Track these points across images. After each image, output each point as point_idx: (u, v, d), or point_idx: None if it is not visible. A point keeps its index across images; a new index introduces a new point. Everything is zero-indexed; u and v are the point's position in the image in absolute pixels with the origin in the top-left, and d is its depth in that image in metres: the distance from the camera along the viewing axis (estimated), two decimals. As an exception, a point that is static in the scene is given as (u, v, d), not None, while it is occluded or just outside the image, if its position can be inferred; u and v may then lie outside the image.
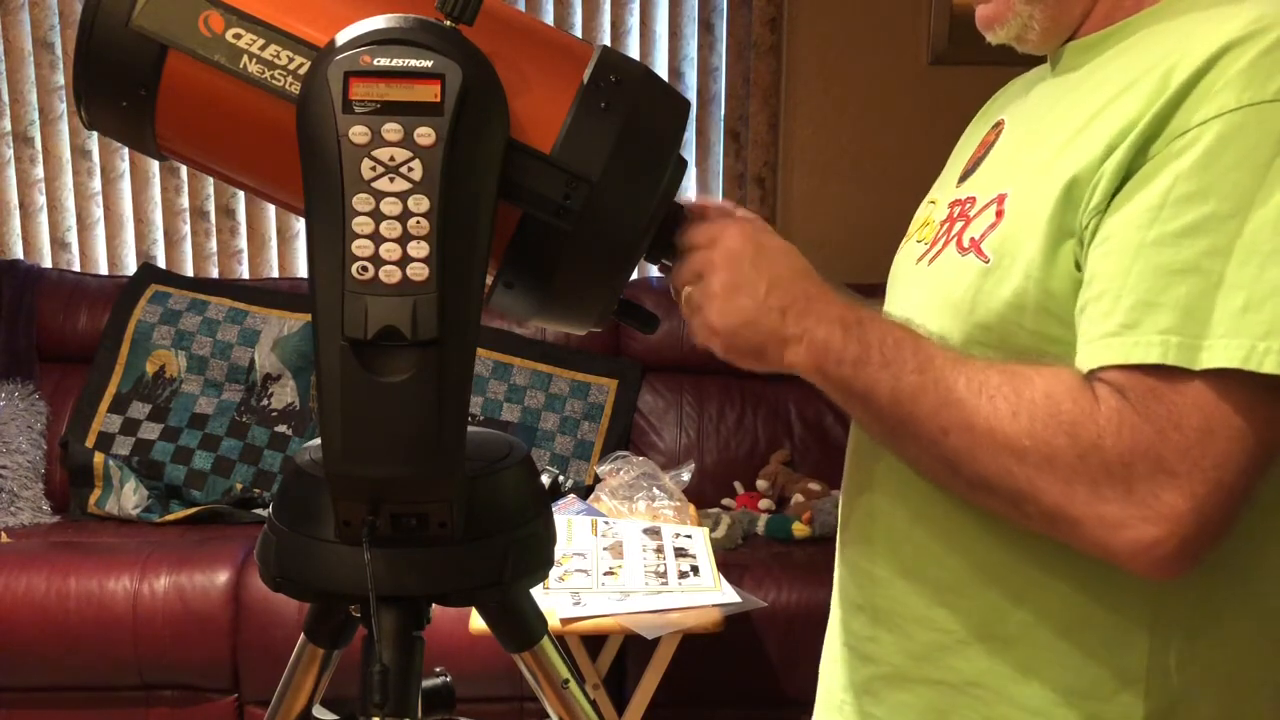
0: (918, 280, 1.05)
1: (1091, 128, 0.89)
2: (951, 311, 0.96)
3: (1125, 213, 0.84)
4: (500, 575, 0.96)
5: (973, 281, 0.94)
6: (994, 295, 0.92)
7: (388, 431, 0.87)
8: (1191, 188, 0.82)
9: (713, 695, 2.71)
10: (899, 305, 1.07)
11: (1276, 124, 0.81)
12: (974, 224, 0.97)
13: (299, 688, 1.07)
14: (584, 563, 2.28)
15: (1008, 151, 1.02)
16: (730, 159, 3.51)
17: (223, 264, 3.56)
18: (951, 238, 1.00)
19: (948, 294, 0.97)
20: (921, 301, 1.01)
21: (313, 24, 0.88)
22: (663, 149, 0.94)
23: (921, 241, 1.08)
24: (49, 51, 3.42)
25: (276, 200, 1.01)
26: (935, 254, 1.02)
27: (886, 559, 1.08)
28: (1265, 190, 0.80)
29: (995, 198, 0.96)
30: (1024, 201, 0.92)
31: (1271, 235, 0.80)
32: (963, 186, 1.05)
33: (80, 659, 2.64)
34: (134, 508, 3.09)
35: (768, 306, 0.93)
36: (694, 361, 3.36)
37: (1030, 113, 1.03)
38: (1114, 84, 0.91)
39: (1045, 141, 0.94)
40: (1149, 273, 0.82)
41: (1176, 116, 0.84)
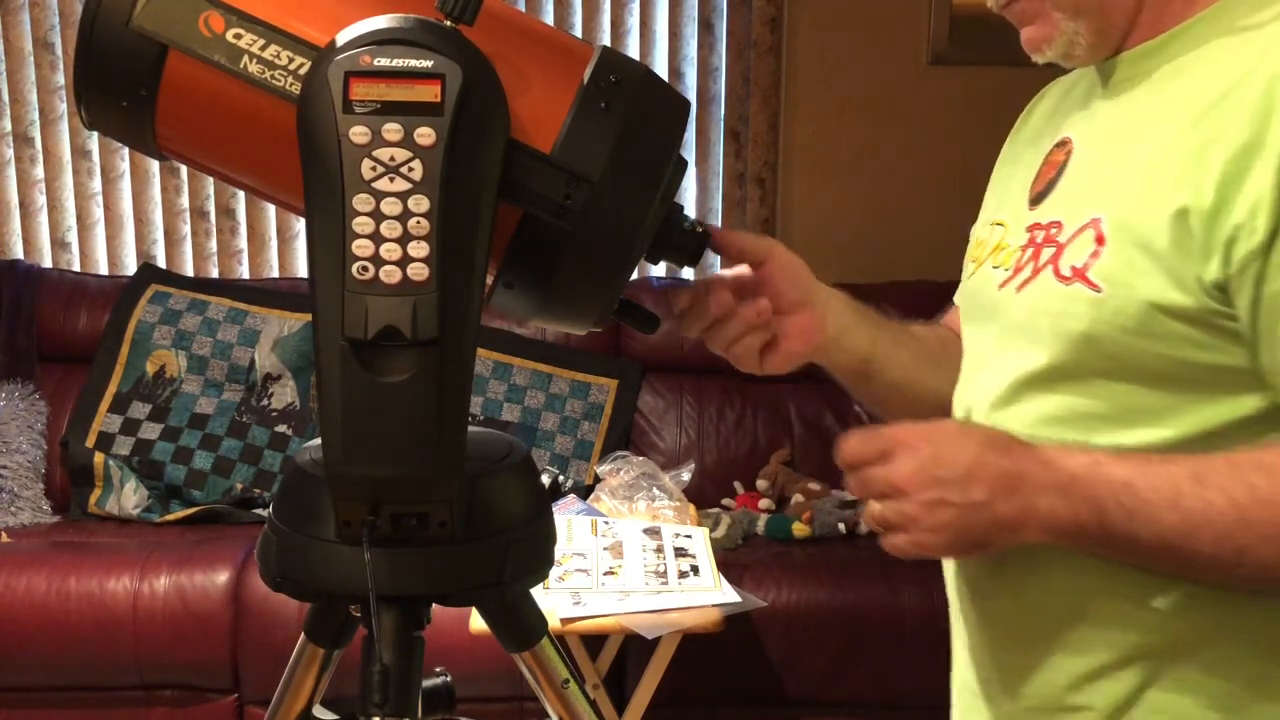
0: (1007, 308, 1.02)
1: (1189, 146, 0.87)
2: (1063, 342, 0.94)
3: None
4: (500, 575, 0.96)
5: (1086, 312, 0.92)
6: (1116, 325, 0.90)
7: (388, 431, 0.87)
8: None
9: (713, 695, 2.71)
10: (986, 333, 1.05)
11: None
12: (1070, 251, 0.95)
13: (299, 688, 1.07)
14: (584, 563, 2.28)
15: (1088, 173, 0.99)
16: (730, 159, 3.51)
17: (223, 264, 3.56)
18: (1044, 265, 0.97)
19: (1056, 325, 0.94)
20: (1016, 330, 0.99)
21: (313, 24, 0.88)
22: (663, 149, 0.94)
23: (1000, 267, 1.05)
24: (49, 51, 3.42)
25: (277, 200, 1.01)
26: (1025, 281, 1.00)
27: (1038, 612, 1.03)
28: None
29: (1088, 222, 0.94)
30: (1128, 228, 0.90)
31: None
32: (1039, 209, 1.02)
33: (80, 659, 2.64)
34: (134, 508, 3.09)
35: (972, 505, 0.89)
36: (694, 361, 3.36)
37: (1102, 131, 1.00)
38: (1198, 98, 0.89)
39: (1132, 161, 0.92)
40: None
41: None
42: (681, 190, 0.99)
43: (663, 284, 3.45)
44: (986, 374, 1.03)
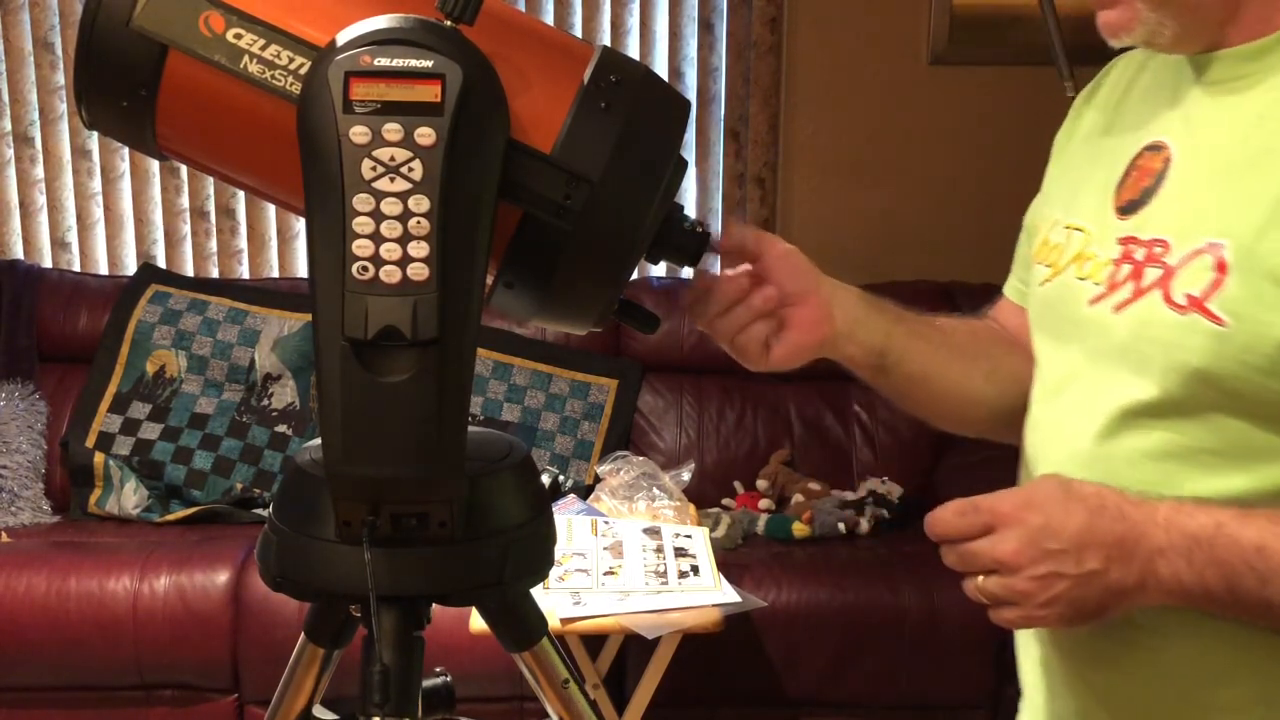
0: (1102, 328, 0.96)
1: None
2: (1178, 375, 0.88)
3: None
4: (500, 575, 0.96)
5: (1206, 346, 0.86)
6: (1242, 362, 0.85)
7: (388, 431, 0.87)
8: None
9: (713, 695, 2.71)
10: (1072, 351, 0.99)
11: None
12: (1183, 276, 0.88)
13: (299, 688, 1.07)
14: (584, 563, 2.28)
15: (1195, 188, 0.92)
16: (730, 159, 3.51)
17: (223, 264, 3.56)
18: (1149, 287, 0.91)
19: (1169, 356, 0.89)
20: (1115, 354, 0.94)
21: (313, 24, 0.88)
22: (663, 149, 0.94)
23: (1088, 280, 0.98)
24: (49, 51, 3.42)
25: (277, 200, 1.01)
26: (1124, 301, 0.93)
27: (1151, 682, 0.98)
28: None
29: (1204, 247, 0.87)
30: (1256, 259, 0.84)
31: None
32: (1134, 221, 0.95)
33: (80, 659, 2.64)
34: (134, 508, 3.08)
35: (1087, 575, 0.85)
36: (694, 361, 3.36)
37: (1207, 141, 0.93)
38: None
39: (1253, 183, 0.87)
40: None
41: None
42: (681, 190, 0.99)
43: (663, 284, 3.45)
44: (1081, 399, 0.97)
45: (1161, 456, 0.91)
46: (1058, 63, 2.95)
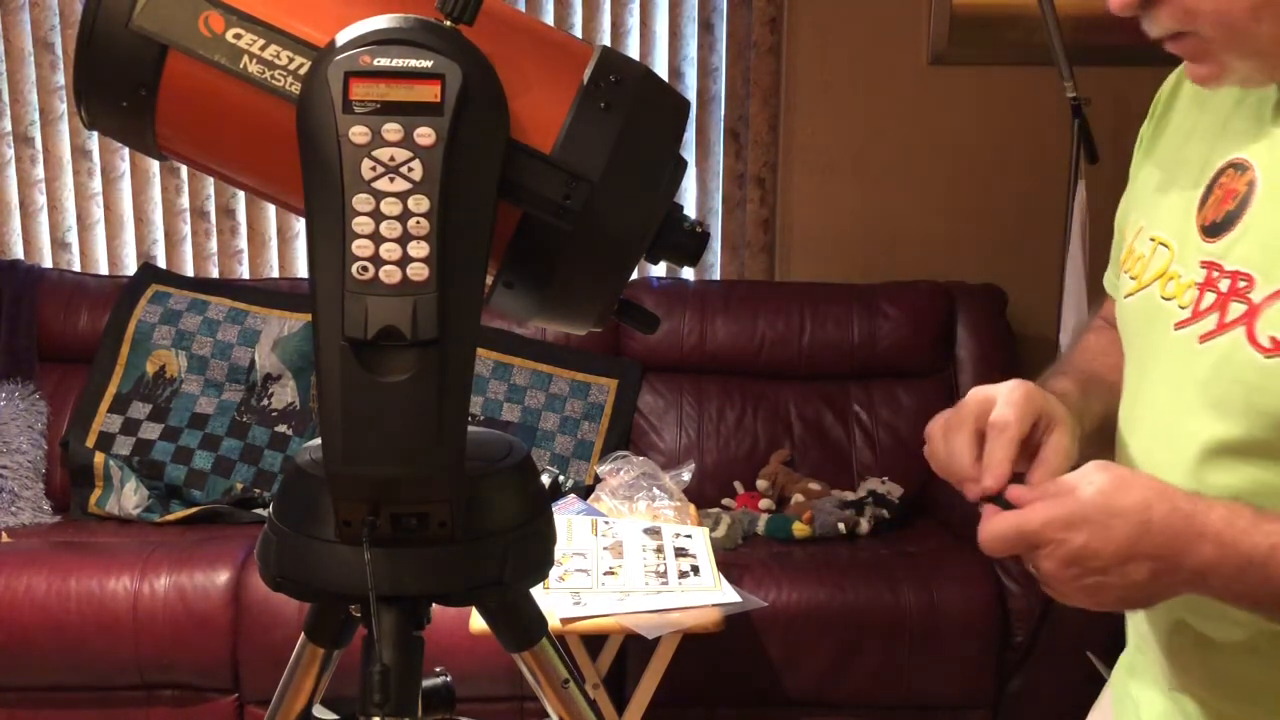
0: (1187, 358, 0.94)
1: None
2: (1264, 419, 0.87)
3: None
4: (500, 575, 0.96)
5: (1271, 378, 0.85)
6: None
7: (388, 431, 0.87)
8: None
9: (713, 695, 2.71)
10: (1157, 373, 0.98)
11: None
12: (1268, 316, 0.87)
13: (299, 688, 1.07)
14: (584, 563, 2.28)
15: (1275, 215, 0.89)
16: (730, 159, 3.51)
17: (223, 264, 3.56)
18: (1233, 322, 0.89)
19: (1254, 400, 0.87)
20: (1200, 388, 0.92)
21: (313, 24, 0.88)
22: (663, 149, 0.94)
23: (1172, 300, 0.96)
24: (49, 51, 3.42)
25: (277, 200, 1.01)
26: (1209, 333, 0.91)
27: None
28: None
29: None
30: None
31: None
32: (1219, 246, 0.93)
33: (80, 659, 2.64)
34: (134, 508, 3.08)
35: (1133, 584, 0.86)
36: (694, 361, 3.36)
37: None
38: None
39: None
40: None
41: None
42: (681, 190, 0.99)
43: (663, 284, 3.45)
44: (1168, 429, 0.96)
45: (1253, 495, 0.88)
46: (1058, 63, 2.95)
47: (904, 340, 3.32)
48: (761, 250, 3.54)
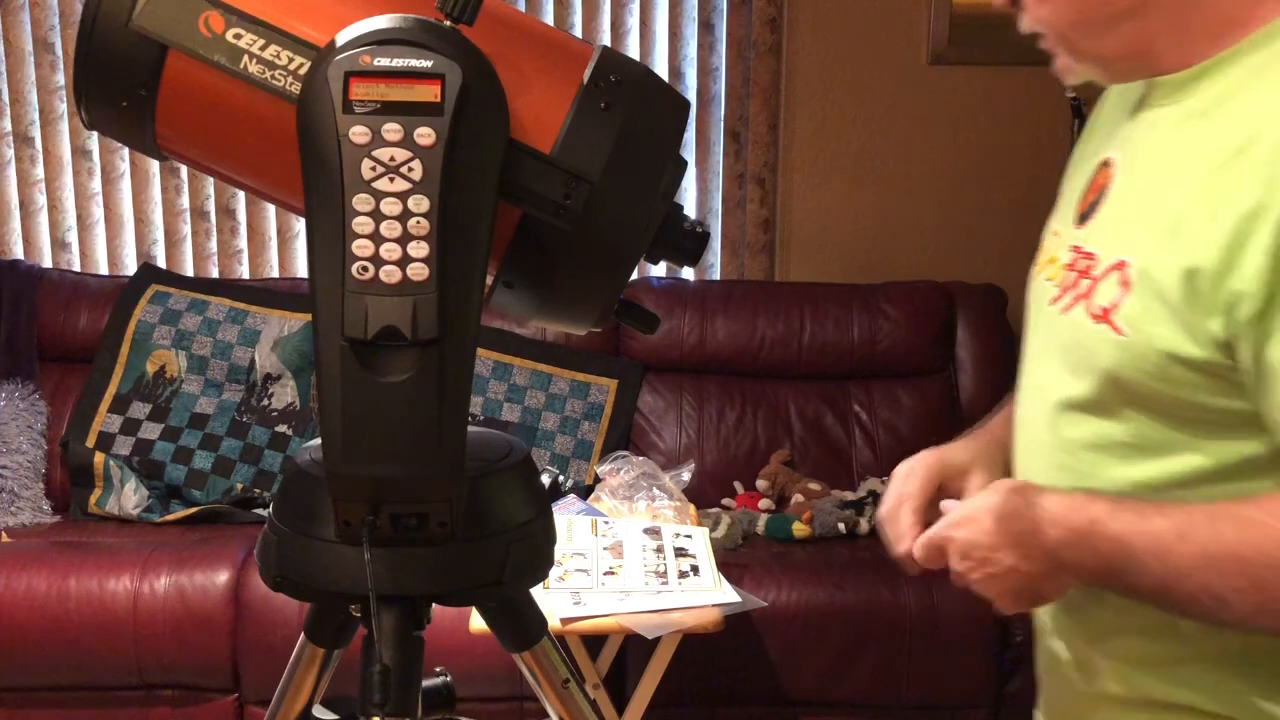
0: (1054, 327, 1.07)
1: (1205, 201, 0.91)
2: (1096, 377, 1.00)
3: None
4: (500, 575, 0.96)
5: (1112, 354, 0.98)
6: (1137, 368, 0.96)
7: (388, 431, 0.87)
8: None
9: (713, 695, 2.71)
10: (1040, 339, 1.12)
11: None
12: (1101, 289, 1.00)
13: (299, 687, 1.07)
14: (584, 563, 2.28)
15: (1123, 203, 1.02)
16: (730, 159, 3.51)
17: (223, 264, 3.56)
18: (1080, 296, 1.03)
19: (1089, 360, 1.00)
20: (1058, 353, 1.06)
21: (313, 24, 0.88)
22: (663, 149, 0.94)
23: (1051, 281, 1.09)
24: (49, 51, 3.42)
25: (277, 200, 1.01)
26: (1067, 306, 1.05)
27: None
28: None
29: (1116, 264, 0.98)
30: (1149, 278, 0.95)
31: None
32: (1083, 232, 1.06)
33: (80, 659, 2.64)
34: (134, 508, 3.08)
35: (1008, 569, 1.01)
36: (694, 361, 3.36)
37: (1138, 160, 1.02)
38: (1220, 147, 0.92)
39: (1157, 206, 0.96)
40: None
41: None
42: (681, 190, 0.99)
43: (663, 284, 3.45)
44: (1038, 388, 1.10)
45: (1091, 448, 1.03)
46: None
47: (904, 340, 3.32)
48: (761, 250, 3.54)
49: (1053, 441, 1.07)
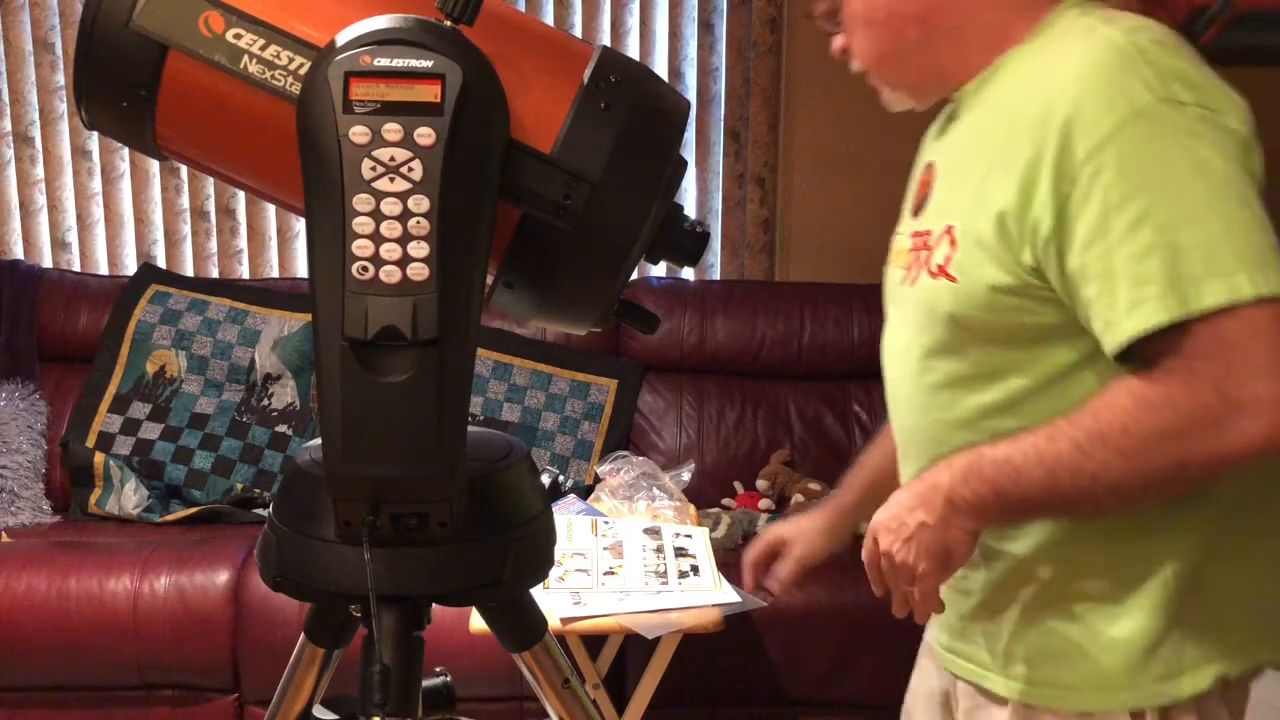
0: (904, 299, 1.28)
1: (1002, 167, 1.12)
2: (940, 322, 1.20)
3: (1083, 232, 1.06)
4: (500, 575, 0.96)
5: (950, 298, 1.18)
6: (969, 305, 1.16)
7: (388, 431, 0.87)
8: (1118, 194, 1.04)
9: (713, 695, 2.71)
10: (896, 315, 1.32)
11: (1152, 126, 1.04)
12: (936, 252, 1.20)
13: (299, 687, 1.07)
14: (584, 563, 2.28)
15: (943, 189, 1.24)
16: (730, 159, 3.51)
17: (223, 264, 3.56)
18: (922, 264, 1.23)
19: (932, 309, 1.20)
20: (912, 316, 1.25)
21: (313, 24, 0.88)
22: (663, 149, 0.94)
23: (899, 267, 1.31)
24: (49, 51, 3.42)
25: (277, 200, 1.01)
26: (913, 278, 1.25)
27: None
28: (1173, 173, 1.04)
29: (945, 229, 1.19)
30: (969, 233, 1.16)
31: (1193, 204, 1.03)
32: (919, 220, 1.27)
33: (80, 659, 2.64)
34: (134, 508, 3.08)
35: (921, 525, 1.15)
36: (694, 361, 3.36)
37: (949, 156, 1.26)
38: (999, 123, 1.15)
39: (967, 179, 1.18)
40: (1127, 262, 1.04)
41: (1075, 151, 1.06)
42: (681, 190, 1.00)
43: (663, 284, 3.45)
44: (901, 352, 1.29)
45: (945, 385, 1.22)
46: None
47: (904, 340, 3.32)
48: (761, 250, 3.54)
49: (915, 389, 1.27)
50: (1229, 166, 1.05)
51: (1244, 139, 1.09)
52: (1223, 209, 1.03)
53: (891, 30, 1.22)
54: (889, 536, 1.18)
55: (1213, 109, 1.08)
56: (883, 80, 1.28)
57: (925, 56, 1.22)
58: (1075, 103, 1.06)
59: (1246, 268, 1.02)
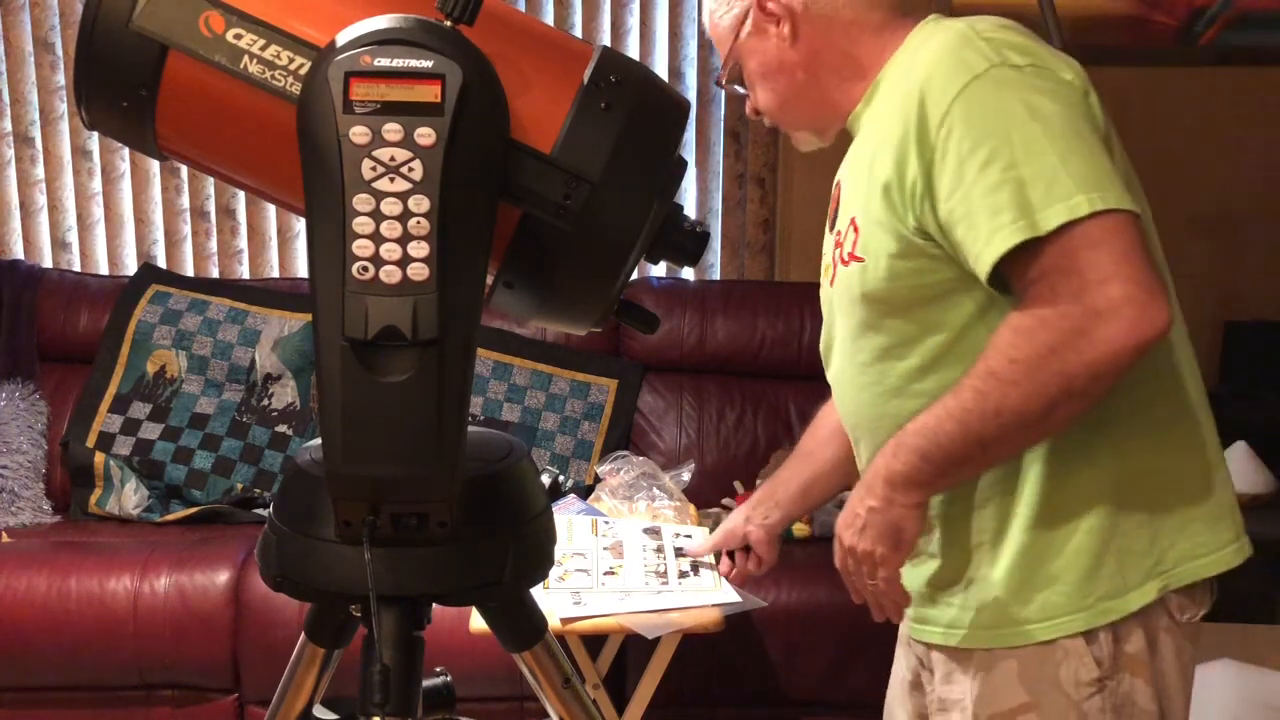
0: (834, 297, 1.43)
1: (883, 149, 1.28)
2: (858, 303, 1.34)
3: (945, 183, 1.20)
4: (500, 575, 0.96)
5: (859, 278, 1.32)
6: (877, 280, 1.30)
7: (388, 431, 0.87)
8: (968, 144, 1.18)
9: (713, 695, 2.71)
10: (829, 318, 1.48)
11: (989, 84, 1.19)
12: (845, 244, 1.36)
13: (299, 687, 1.07)
14: (584, 563, 2.28)
15: (847, 194, 1.41)
16: (730, 159, 3.51)
17: (223, 264, 3.56)
18: (836, 261, 1.39)
19: (850, 294, 1.35)
20: (838, 307, 1.41)
21: (313, 24, 0.88)
22: (663, 149, 0.94)
23: (825, 278, 1.47)
24: (49, 51, 3.42)
25: (277, 200, 1.01)
26: (834, 276, 1.41)
27: None
28: (1012, 120, 1.17)
29: (850, 222, 1.35)
30: (867, 214, 1.31)
31: (1031, 143, 1.16)
32: (832, 231, 1.44)
33: (80, 659, 2.64)
34: (134, 508, 3.09)
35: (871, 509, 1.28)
36: (694, 361, 3.36)
37: (849, 168, 1.43)
38: (882, 119, 1.31)
39: (861, 175, 1.34)
40: (982, 198, 1.17)
41: (930, 119, 1.21)
42: (681, 190, 1.00)
43: (663, 284, 3.45)
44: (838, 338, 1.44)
45: (874, 360, 1.35)
46: (1058, 63, 2.96)
47: (904, 340, 3.32)
48: (761, 250, 3.54)
49: (851, 373, 1.40)
50: (1063, 109, 1.19)
51: (1079, 88, 1.23)
52: (1058, 144, 1.16)
53: (784, 77, 1.40)
54: (848, 532, 1.30)
55: (1047, 67, 1.22)
56: (787, 124, 1.49)
57: (816, 94, 1.41)
58: (927, 79, 1.22)
59: (1083, 189, 1.14)
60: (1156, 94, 3.40)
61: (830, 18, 1.38)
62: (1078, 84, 1.23)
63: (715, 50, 3.47)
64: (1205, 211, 3.48)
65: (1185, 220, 3.44)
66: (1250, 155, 3.46)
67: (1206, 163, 3.45)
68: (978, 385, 1.19)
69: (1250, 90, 3.42)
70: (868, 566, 1.30)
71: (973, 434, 1.20)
